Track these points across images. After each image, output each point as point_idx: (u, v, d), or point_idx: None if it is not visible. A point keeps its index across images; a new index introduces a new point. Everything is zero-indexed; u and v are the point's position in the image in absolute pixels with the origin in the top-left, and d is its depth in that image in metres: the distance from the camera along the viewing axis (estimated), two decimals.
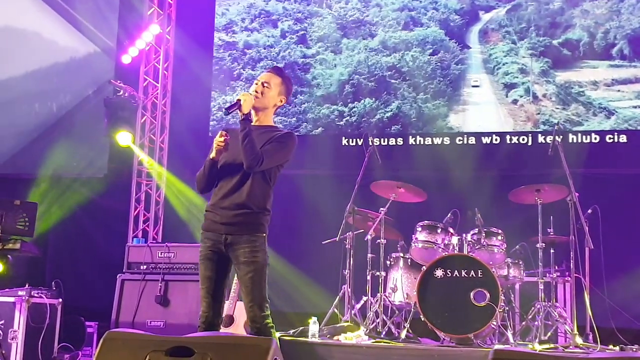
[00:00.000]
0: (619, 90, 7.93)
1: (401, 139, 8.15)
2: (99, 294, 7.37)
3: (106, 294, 6.72)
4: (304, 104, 8.59)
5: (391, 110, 8.43)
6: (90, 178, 8.65)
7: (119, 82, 8.44)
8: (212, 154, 3.92)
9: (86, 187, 8.61)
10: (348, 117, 8.53)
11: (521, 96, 8.14)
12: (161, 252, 6.56)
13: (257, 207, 3.93)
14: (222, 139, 3.87)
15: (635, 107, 7.78)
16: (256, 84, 4.03)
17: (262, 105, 4.01)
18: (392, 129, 8.30)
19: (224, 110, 3.94)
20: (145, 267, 6.57)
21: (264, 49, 8.87)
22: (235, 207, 3.89)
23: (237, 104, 3.85)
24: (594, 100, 7.95)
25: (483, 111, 8.28)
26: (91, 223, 8.49)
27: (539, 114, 8.00)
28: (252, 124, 3.95)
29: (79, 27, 9.02)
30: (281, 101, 4.10)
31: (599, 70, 8.01)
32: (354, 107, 8.54)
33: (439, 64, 8.46)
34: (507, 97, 8.21)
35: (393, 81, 8.50)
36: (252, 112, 3.99)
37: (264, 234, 3.96)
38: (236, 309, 5.87)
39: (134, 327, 6.13)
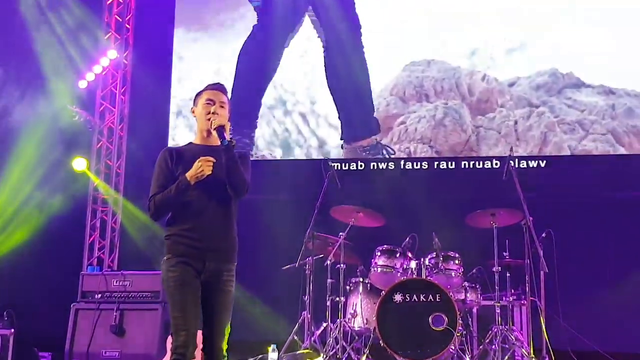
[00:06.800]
0: None
1: (362, 163, 8.19)
2: (53, 324, 7.20)
3: (60, 324, 6.59)
4: None
5: None
6: (44, 204, 8.47)
7: (74, 107, 8.34)
8: (194, 180, 3.64)
9: (40, 214, 8.43)
10: None
11: None
12: (116, 281, 6.46)
13: (236, 233, 3.80)
14: (211, 163, 3.66)
15: None
16: (209, 104, 3.82)
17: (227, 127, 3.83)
18: None
19: (224, 142, 3.67)
20: (99, 295, 6.45)
21: None
22: (219, 232, 3.72)
23: (224, 130, 3.72)
24: None
25: None
26: (44, 250, 8.28)
27: None
28: (207, 144, 3.84)
29: (33, 51, 8.88)
30: (228, 120, 3.94)
31: None
32: None
33: None
34: None
35: None
36: (211, 133, 3.80)
37: (236, 263, 3.82)
38: None
39: (89, 357, 6.04)
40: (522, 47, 8.08)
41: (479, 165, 7.95)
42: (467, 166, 7.97)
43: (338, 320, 6.02)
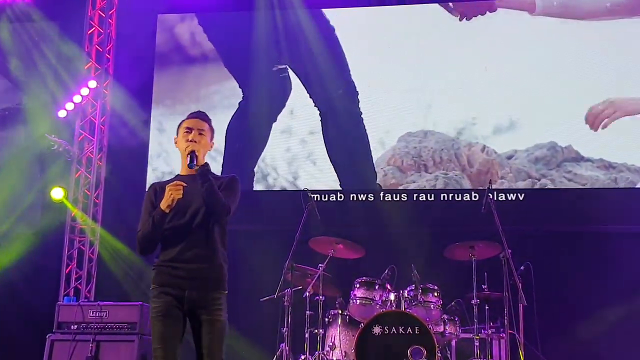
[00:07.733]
0: None
1: (342, 195, 8.20)
2: (28, 355, 7.10)
3: (35, 355, 6.48)
4: None
5: None
6: (21, 234, 8.39)
7: (53, 136, 8.31)
8: (167, 208, 3.67)
9: (17, 243, 8.34)
10: None
11: None
12: (93, 312, 6.38)
13: (222, 260, 3.78)
14: (180, 188, 3.67)
15: None
16: (188, 132, 3.86)
17: (201, 154, 3.89)
18: None
19: (190, 165, 3.77)
20: (76, 326, 6.37)
21: None
22: (201, 260, 3.70)
23: (195, 156, 3.78)
24: None
25: None
26: (21, 280, 8.20)
27: None
28: (190, 173, 3.84)
29: (12, 80, 8.87)
30: (211, 147, 3.98)
31: None
32: None
33: None
34: None
35: None
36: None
37: (226, 292, 3.78)
38: None
39: None
40: (520, 119, 8.00)
41: (457, 197, 7.99)
42: (446, 198, 8.01)
43: (316, 352, 5.98)
